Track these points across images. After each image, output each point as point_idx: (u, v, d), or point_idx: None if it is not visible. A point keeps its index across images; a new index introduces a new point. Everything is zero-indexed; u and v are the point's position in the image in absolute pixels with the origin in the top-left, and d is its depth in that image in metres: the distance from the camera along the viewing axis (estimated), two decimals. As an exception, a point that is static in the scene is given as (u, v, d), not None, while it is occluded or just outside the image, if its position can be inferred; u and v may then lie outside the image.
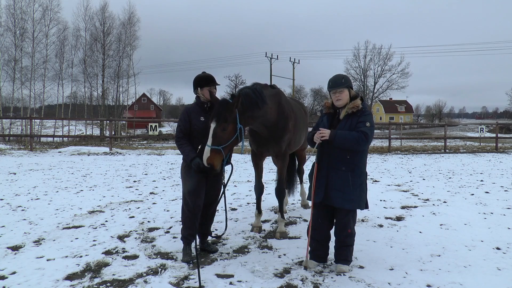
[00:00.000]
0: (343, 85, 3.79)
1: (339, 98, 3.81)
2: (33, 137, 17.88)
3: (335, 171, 3.75)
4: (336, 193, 3.73)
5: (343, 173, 3.72)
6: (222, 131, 3.93)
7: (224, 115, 3.93)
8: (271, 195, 7.24)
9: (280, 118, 4.79)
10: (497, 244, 4.73)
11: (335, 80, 3.83)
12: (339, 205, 3.75)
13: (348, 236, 3.83)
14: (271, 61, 45.32)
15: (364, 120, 3.70)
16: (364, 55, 63.14)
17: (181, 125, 4.18)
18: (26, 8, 33.01)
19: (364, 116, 3.74)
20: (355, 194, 3.72)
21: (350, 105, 3.77)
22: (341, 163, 3.73)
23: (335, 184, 3.74)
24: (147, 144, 25.36)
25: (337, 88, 3.79)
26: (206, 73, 4.36)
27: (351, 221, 3.84)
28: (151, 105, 77.48)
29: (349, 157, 3.71)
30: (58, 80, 36.35)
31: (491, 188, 8.60)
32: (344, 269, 3.81)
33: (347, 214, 3.80)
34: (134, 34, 40.25)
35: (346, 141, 3.62)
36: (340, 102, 3.82)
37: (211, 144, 3.88)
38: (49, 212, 6.20)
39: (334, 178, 3.75)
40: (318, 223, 3.93)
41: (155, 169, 11.44)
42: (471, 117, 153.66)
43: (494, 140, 21.10)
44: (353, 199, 3.71)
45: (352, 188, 3.70)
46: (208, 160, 3.86)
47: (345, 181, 3.71)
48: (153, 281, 3.65)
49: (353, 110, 3.75)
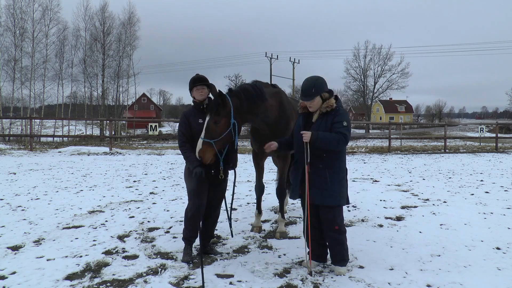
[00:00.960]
0: (313, 96, 3.74)
1: (311, 105, 3.81)
2: (33, 137, 17.88)
3: (312, 169, 3.75)
4: (315, 190, 3.74)
5: (320, 170, 3.73)
6: (214, 124, 3.91)
7: (217, 108, 3.91)
8: (271, 195, 7.24)
9: (281, 118, 4.77)
10: (497, 244, 4.73)
11: (306, 90, 3.77)
12: (318, 202, 3.75)
13: (337, 232, 3.80)
14: (271, 61, 45.32)
15: (340, 120, 3.69)
16: (364, 55, 63.05)
17: (181, 129, 4.17)
18: (26, 8, 33.12)
19: (340, 115, 3.71)
20: (334, 190, 3.71)
21: (324, 105, 3.76)
22: (318, 161, 3.74)
23: (313, 181, 3.74)
24: (147, 144, 25.38)
25: (308, 99, 3.77)
26: (199, 74, 4.27)
27: (337, 217, 3.81)
28: (151, 105, 77.53)
29: (325, 155, 3.73)
30: (58, 80, 36.44)
31: (491, 188, 8.60)
32: (342, 271, 3.80)
33: (329, 210, 3.78)
34: (134, 34, 40.35)
35: (327, 143, 3.63)
36: (312, 109, 3.83)
37: (204, 137, 3.88)
38: (49, 212, 6.20)
39: (313, 175, 3.75)
40: (312, 222, 3.92)
41: (155, 169, 11.44)
42: (471, 117, 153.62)
43: (494, 140, 21.11)
44: (331, 195, 3.71)
45: (330, 185, 3.70)
46: (199, 153, 3.87)
47: (323, 178, 3.71)
48: (153, 281, 3.65)
49: (327, 109, 3.75)
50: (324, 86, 3.80)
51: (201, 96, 4.15)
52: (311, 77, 3.85)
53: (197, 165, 3.92)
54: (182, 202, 6.90)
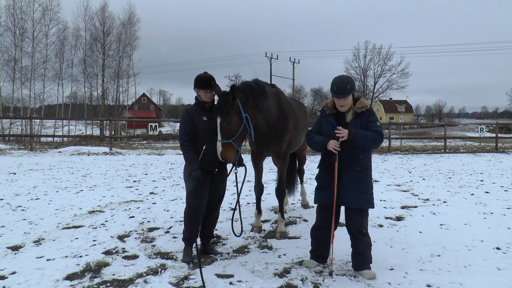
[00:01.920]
0: (349, 93, 3.64)
1: (344, 104, 3.70)
2: (33, 137, 17.88)
3: (350, 172, 3.67)
4: (352, 193, 3.65)
5: (358, 173, 3.66)
6: (228, 124, 3.93)
7: (226, 108, 3.92)
8: (271, 195, 7.24)
9: (280, 118, 4.79)
10: (497, 244, 4.74)
11: (341, 87, 3.62)
12: (356, 205, 3.67)
13: (365, 236, 3.76)
14: (271, 61, 45.33)
15: (374, 119, 3.70)
16: (364, 55, 63.15)
17: (185, 127, 4.05)
18: (26, 8, 33.11)
19: (373, 115, 3.74)
20: (369, 193, 3.71)
21: (358, 105, 3.71)
22: (355, 163, 3.67)
23: (351, 184, 3.66)
24: (147, 144, 25.38)
25: (343, 96, 3.64)
26: (208, 73, 4.23)
27: (365, 221, 3.77)
28: (151, 105, 77.49)
29: (362, 157, 3.68)
30: (58, 80, 36.42)
31: (491, 188, 8.60)
32: (373, 275, 3.70)
33: (361, 214, 3.74)
34: (134, 34, 40.33)
35: (366, 141, 3.58)
36: (345, 108, 3.73)
37: (221, 139, 3.91)
38: (49, 212, 6.20)
39: (350, 178, 3.66)
40: (323, 224, 3.85)
41: (155, 169, 11.44)
42: (471, 117, 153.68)
43: (494, 140, 21.10)
44: (368, 198, 3.70)
45: (367, 188, 3.69)
46: (222, 155, 3.90)
47: (361, 181, 3.66)
48: (153, 281, 3.65)
49: (362, 109, 3.70)
50: (355, 85, 3.77)
51: (208, 98, 4.15)
52: (342, 75, 3.78)
53: (196, 168, 3.89)
54: (182, 202, 6.90)
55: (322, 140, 3.73)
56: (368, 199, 3.70)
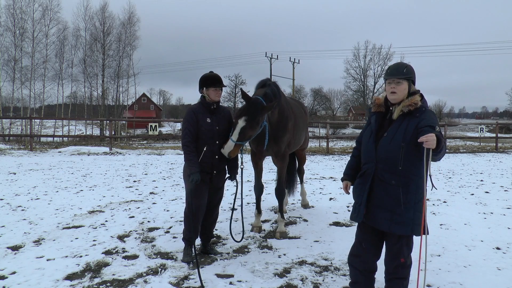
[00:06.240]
0: (403, 75, 2.92)
1: (394, 90, 2.92)
2: (33, 137, 17.87)
3: (383, 185, 2.91)
4: (382, 213, 2.91)
5: (392, 188, 2.87)
6: (249, 129, 4.10)
7: (257, 117, 4.12)
8: (271, 195, 7.24)
9: (280, 118, 4.81)
10: (497, 244, 4.74)
11: (396, 68, 2.99)
12: (386, 229, 2.92)
13: (401, 266, 3.03)
14: (271, 61, 45.34)
15: (432, 123, 2.78)
16: (364, 55, 63.14)
17: (189, 127, 3.97)
18: (26, 8, 33.07)
19: (429, 118, 2.83)
20: (407, 216, 2.87)
21: (406, 102, 2.90)
22: (391, 175, 2.87)
23: (381, 201, 2.91)
24: (147, 144, 25.40)
25: (395, 77, 2.93)
26: (214, 72, 4.19)
27: (405, 248, 3.02)
28: (151, 105, 77.50)
29: (400, 168, 2.83)
30: (58, 80, 36.39)
31: (491, 188, 8.60)
32: None
33: (399, 239, 2.98)
34: (134, 34, 40.29)
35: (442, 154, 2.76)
36: (395, 96, 2.93)
37: (237, 140, 4.04)
38: (49, 212, 6.20)
39: (381, 193, 2.91)
40: (361, 248, 3.10)
41: (155, 169, 11.44)
42: (471, 117, 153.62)
43: (494, 140, 21.09)
44: (404, 221, 2.87)
45: (404, 208, 2.85)
46: (231, 154, 4.04)
47: (395, 199, 2.86)
48: (153, 281, 3.65)
49: (409, 108, 2.87)
50: (414, 74, 3.04)
51: (217, 97, 4.13)
52: (401, 62, 3.19)
53: (195, 171, 3.87)
54: (182, 202, 6.90)
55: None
56: (405, 224, 2.87)
